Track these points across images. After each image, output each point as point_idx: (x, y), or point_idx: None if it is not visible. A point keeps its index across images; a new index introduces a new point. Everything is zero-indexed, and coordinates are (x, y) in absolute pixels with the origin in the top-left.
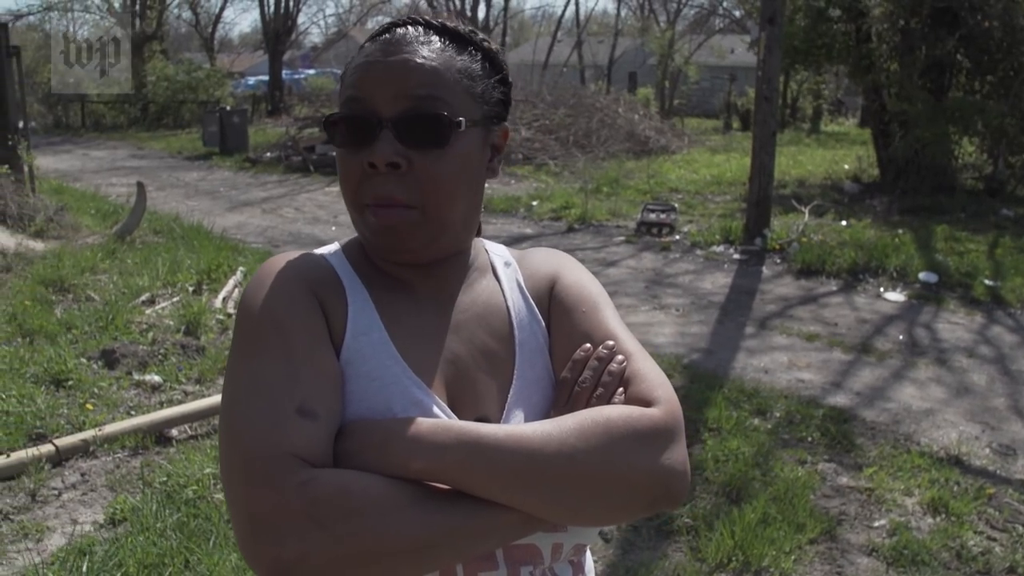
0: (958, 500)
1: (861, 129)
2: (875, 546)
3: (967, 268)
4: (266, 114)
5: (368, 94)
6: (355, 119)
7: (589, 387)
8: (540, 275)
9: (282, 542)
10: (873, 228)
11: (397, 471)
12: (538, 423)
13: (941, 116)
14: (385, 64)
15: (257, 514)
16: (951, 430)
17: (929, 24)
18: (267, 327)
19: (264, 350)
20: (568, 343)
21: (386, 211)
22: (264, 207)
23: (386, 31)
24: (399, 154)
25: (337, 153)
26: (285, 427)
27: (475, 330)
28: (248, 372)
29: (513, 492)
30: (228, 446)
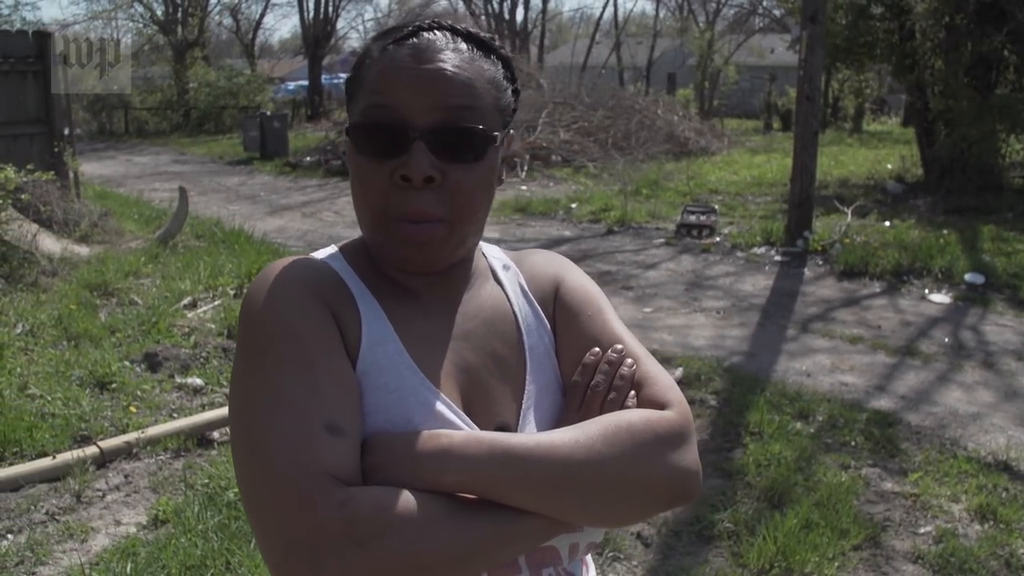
0: (1007, 507)
1: (904, 128)
2: (921, 553)
3: (1015, 269)
4: (306, 119)
5: (399, 102)
6: (385, 127)
7: (602, 391)
8: (543, 278)
9: (321, 564)
10: (917, 229)
11: (429, 485)
12: (563, 430)
13: (987, 114)
14: (419, 72)
15: (295, 537)
16: (999, 435)
17: (975, 20)
18: (281, 338)
19: (281, 362)
20: (576, 347)
21: (419, 227)
22: (304, 211)
23: (412, 35)
24: (435, 167)
25: (356, 160)
26: (316, 445)
27: (485, 336)
28: (267, 386)
29: (545, 499)
30: (254, 466)
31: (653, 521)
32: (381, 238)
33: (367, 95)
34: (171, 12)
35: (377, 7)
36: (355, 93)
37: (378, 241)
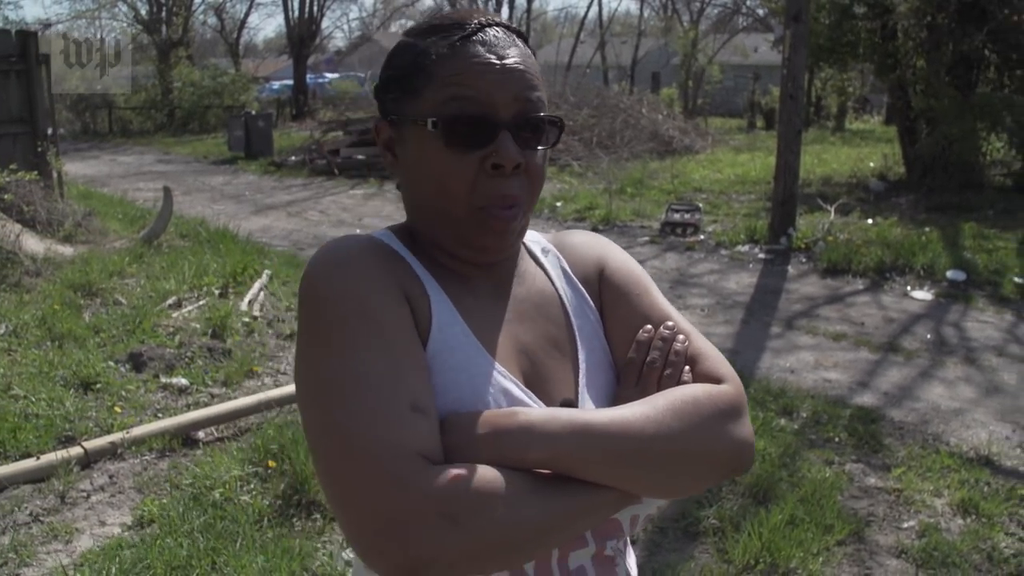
0: (989, 501)
1: (887, 127)
2: (904, 548)
3: (996, 266)
4: (291, 118)
5: (485, 95)
6: (474, 119)
7: (659, 367)
8: (587, 261)
9: (418, 542)
10: (900, 226)
11: (512, 462)
12: (633, 405)
13: (968, 112)
14: (500, 67)
15: (390, 516)
16: (981, 430)
17: (956, 19)
18: (358, 317)
19: (360, 342)
20: (626, 326)
21: (508, 212)
22: (289, 210)
23: (476, 31)
24: (520, 155)
25: (436, 152)
26: (404, 425)
27: (536, 319)
28: (348, 367)
29: (618, 473)
30: (341, 448)
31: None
32: (458, 227)
33: (446, 89)
34: (155, 11)
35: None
36: (421, 88)
37: (453, 230)
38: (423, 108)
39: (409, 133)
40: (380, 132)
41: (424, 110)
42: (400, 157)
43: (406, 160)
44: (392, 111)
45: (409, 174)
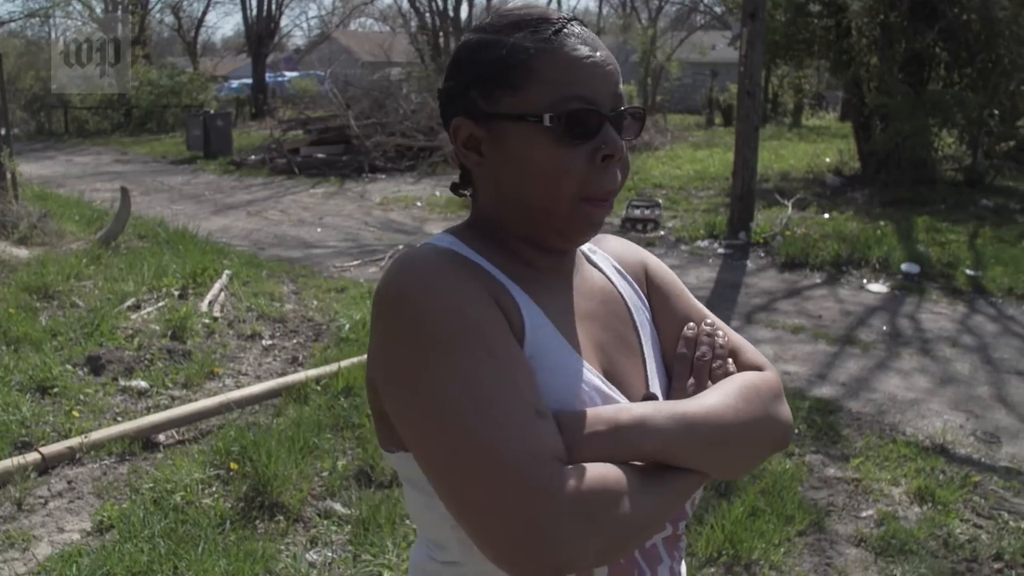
0: (944, 489)
1: (842, 123)
2: (863, 536)
3: (948, 258)
4: (250, 117)
5: (591, 90)
6: (585, 114)
7: (709, 360)
8: (632, 261)
9: (561, 543)
10: (855, 220)
11: (627, 456)
12: (709, 395)
13: (921, 109)
14: (599, 62)
15: (535, 521)
16: (936, 419)
17: (908, 18)
18: (464, 331)
19: (473, 356)
20: (674, 323)
21: (607, 202)
22: (249, 210)
23: (564, 25)
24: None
25: (546, 149)
26: (535, 431)
27: (606, 316)
28: (468, 381)
29: (710, 456)
30: (479, 459)
31: None
32: (559, 221)
33: (556, 85)
34: (110, 9)
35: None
36: (522, 84)
37: (552, 224)
38: (532, 104)
39: (509, 130)
40: (460, 130)
41: (535, 106)
42: (489, 155)
43: (501, 158)
44: (484, 109)
45: (505, 172)
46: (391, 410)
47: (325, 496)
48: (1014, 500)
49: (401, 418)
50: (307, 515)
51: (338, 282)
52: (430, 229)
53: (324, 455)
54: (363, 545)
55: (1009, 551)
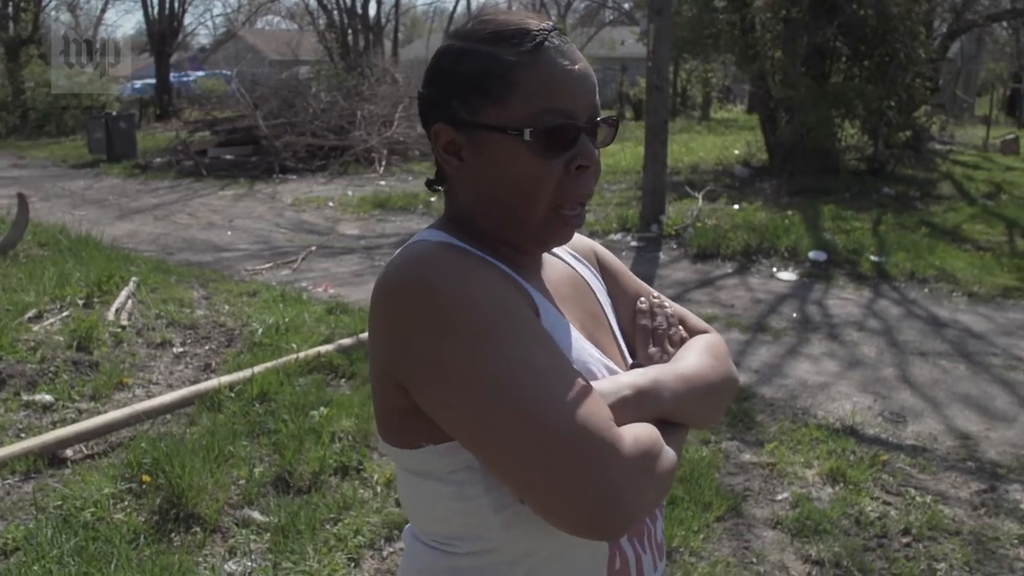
0: (855, 468)
1: (749, 115)
2: (779, 519)
3: (853, 245)
4: (155, 118)
5: (570, 103)
6: (566, 128)
7: (666, 328)
8: (584, 248)
9: (632, 497)
10: (764, 210)
11: (651, 415)
12: (693, 357)
13: (823, 101)
14: (577, 74)
15: (610, 482)
16: (845, 402)
17: (809, 13)
18: (502, 315)
19: (518, 338)
20: (627, 299)
21: (582, 208)
22: (156, 214)
23: (545, 38)
24: (597, 154)
25: (525, 160)
26: (592, 401)
27: (578, 298)
28: (519, 360)
29: (701, 410)
30: (548, 433)
31: None
32: (534, 227)
33: (537, 99)
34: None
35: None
36: (506, 97)
37: (528, 230)
38: (513, 117)
39: (489, 139)
40: (440, 136)
41: (516, 119)
42: (469, 161)
43: (481, 165)
44: (464, 118)
45: (484, 178)
46: (433, 404)
47: (243, 504)
48: (920, 476)
49: (453, 409)
50: (224, 525)
51: (250, 285)
52: (343, 230)
53: (240, 463)
54: (283, 553)
55: (916, 525)
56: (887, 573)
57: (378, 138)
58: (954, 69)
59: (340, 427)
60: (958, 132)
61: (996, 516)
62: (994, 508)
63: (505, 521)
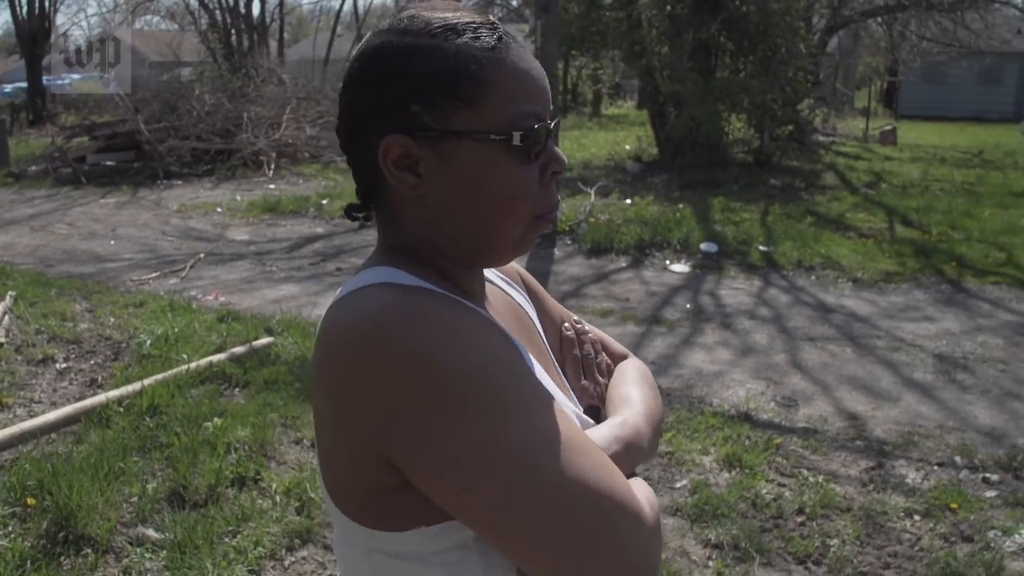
0: (750, 453)
1: (639, 111)
2: (679, 506)
3: (743, 236)
4: (27, 124)
5: (541, 105)
6: (542, 131)
7: (593, 357)
8: (510, 271)
9: (658, 558)
10: (656, 204)
11: (635, 465)
12: (637, 393)
13: (710, 95)
14: (540, 74)
15: (647, 547)
16: (739, 388)
17: (693, 9)
18: (513, 383)
19: (532, 404)
20: (550, 323)
21: (554, 215)
22: (33, 224)
23: (500, 34)
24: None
25: (505, 167)
26: (610, 465)
27: (522, 329)
28: (539, 429)
29: (656, 446)
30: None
31: None
32: (513, 238)
33: (512, 102)
34: None
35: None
36: (478, 99)
37: (506, 242)
38: (492, 121)
39: (460, 149)
40: (391, 149)
41: (495, 123)
42: (429, 176)
43: (445, 179)
44: (428, 124)
45: (455, 193)
46: (442, 488)
47: (136, 522)
48: (812, 457)
49: (471, 493)
50: (118, 545)
51: (136, 296)
52: (233, 236)
53: (132, 479)
54: (180, 570)
55: (810, 505)
56: (784, 552)
57: (266, 141)
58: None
59: (235, 437)
60: (839, 124)
61: (884, 491)
62: (882, 484)
63: None
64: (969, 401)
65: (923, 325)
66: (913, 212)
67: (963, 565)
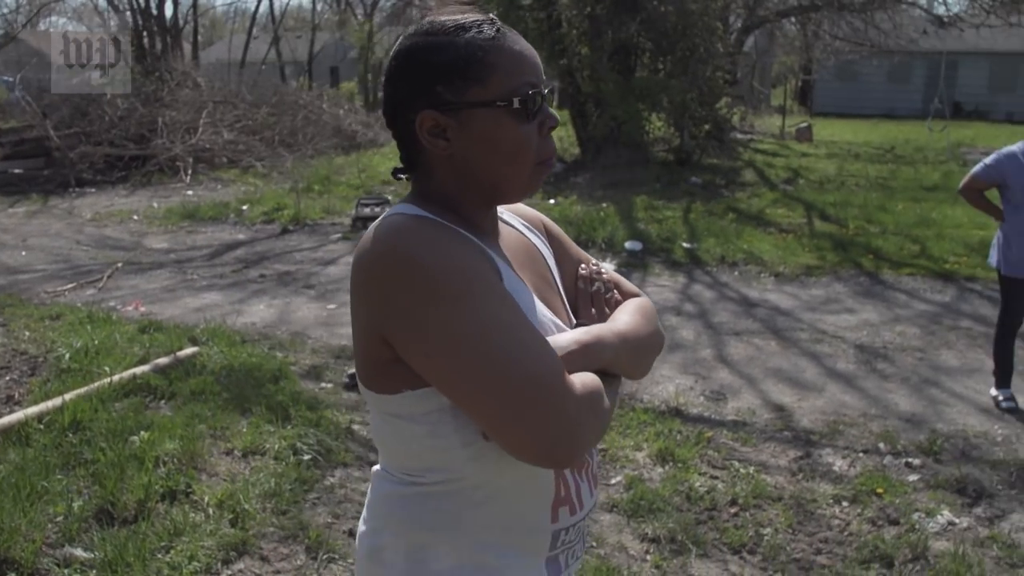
0: (682, 447)
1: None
2: (615, 502)
3: (667, 234)
4: None
5: (536, 76)
6: (537, 96)
7: (602, 292)
8: (533, 218)
9: (584, 433)
10: (580, 204)
11: (593, 367)
12: (626, 316)
13: (631, 95)
14: (532, 52)
15: (567, 416)
16: (668, 384)
17: (613, 10)
18: (472, 277)
19: (486, 297)
20: (571, 264)
21: (553, 160)
22: None
23: (498, 27)
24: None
25: (510, 126)
26: (549, 353)
27: (532, 263)
28: (490, 317)
29: (633, 364)
30: (518, 376)
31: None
32: (523, 182)
33: (510, 76)
34: None
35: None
36: (487, 77)
37: (517, 185)
38: (497, 92)
39: (476, 116)
40: (425, 122)
41: (495, 94)
42: (455, 140)
43: (467, 140)
44: (449, 100)
45: (474, 150)
46: (414, 356)
47: (63, 543)
48: (742, 449)
49: (431, 359)
50: (44, 567)
51: (52, 308)
52: (151, 244)
53: (56, 498)
54: None
55: (742, 495)
56: (719, 543)
57: (182, 146)
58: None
59: (164, 450)
60: (757, 122)
61: (812, 480)
62: (810, 472)
63: (472, 455)
64: (890, 389)
65: (844, 317)
66: (830, 207)
67: (890, 547)
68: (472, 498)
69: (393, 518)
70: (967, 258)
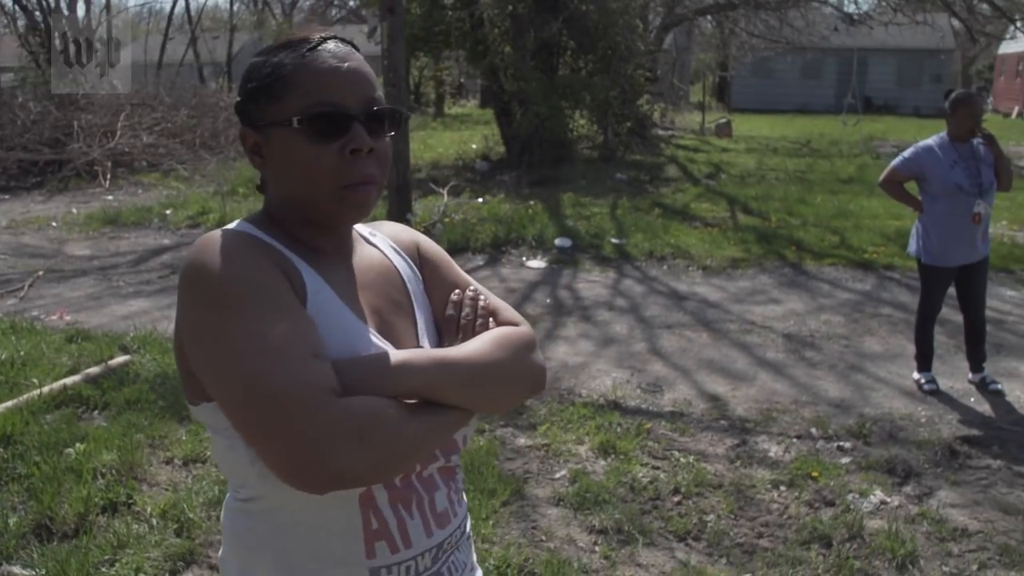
0: (623, 439)
1: (483, 109)
2: (561, 496)
3: (595, 230)
4: None
5: (338, 95)
6: (331, 115)
7: (473, 319)
8: (406, 240)
9: (336, 456)
10: (508, 202)
11: (394, 392)
12: (470, 342)
13: (554, 93)
14: (346, 70)
15: (312, 438)
16: (605, 378)
17: (535, 9)
18: (254, 291)
19: (260, 311)
20: (443, 289)
21: (367, 187)
22: None
23: (319, 44)
24: (371, 141)
25: (301, 146)
26: (311, 367)
27: (381, 285)
28: (257, 329)
29: (468, 394)
30: (264, 388)
31: None
32: (325, 206)
33: (307, 94)
34: None
35: None
36: (283, 95)
37: (321, 209)
38: (287, 111)
39: (275, 135)
40: (246, 139)
41: (289, 113)
42: (267, 158)
43: (273, 159)
44: (258, 119)
45: (277, 170)
46: (196, 366)
47: (0, 561)
48: (681, 439)
49: (204, 370)
50: None
51: None
52: (72, 251)
53: None
54: None
55: (684, 484)
56: (664, 531)
57: (100, 150)
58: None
59: (101, 462)
60: (677, 119)
61: (750, 466)
62: (747, 459)
63: (260, 472)
64: (818, 376)
65: (771, 307)
66: (753, 200)
67: (828, 528)
68: (277, 519)
69: (227, 533)
70: (885, 248)
